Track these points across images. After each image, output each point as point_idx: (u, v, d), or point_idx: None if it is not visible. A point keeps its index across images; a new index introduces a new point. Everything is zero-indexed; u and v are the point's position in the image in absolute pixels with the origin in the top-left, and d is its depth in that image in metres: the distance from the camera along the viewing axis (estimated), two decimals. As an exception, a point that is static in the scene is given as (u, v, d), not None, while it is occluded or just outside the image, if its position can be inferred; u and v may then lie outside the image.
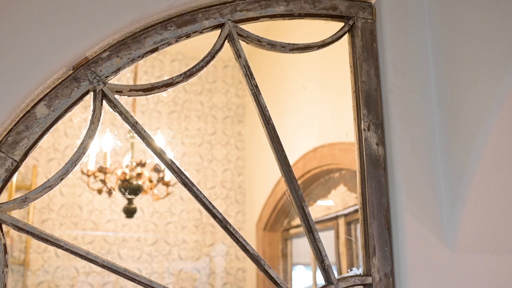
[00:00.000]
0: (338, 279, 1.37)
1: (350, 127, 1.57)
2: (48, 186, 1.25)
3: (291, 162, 3.46)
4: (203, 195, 1.33)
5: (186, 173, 1.34)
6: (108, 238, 4.64)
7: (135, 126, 1.34)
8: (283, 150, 1.41)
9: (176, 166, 1.33)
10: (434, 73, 1.52)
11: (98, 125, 1.33)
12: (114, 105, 1.35)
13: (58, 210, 4.57)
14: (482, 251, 1.44)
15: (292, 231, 4.15)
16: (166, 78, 1.43)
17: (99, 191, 3.30)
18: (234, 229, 1.31)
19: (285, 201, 3.76)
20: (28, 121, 1.28)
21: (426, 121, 1.49)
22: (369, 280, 1.38)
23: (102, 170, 3.15)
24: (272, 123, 1.42)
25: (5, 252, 1.18)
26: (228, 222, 1.31)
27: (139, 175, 3.15)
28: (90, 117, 1.34)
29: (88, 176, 3.21)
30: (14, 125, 1.27)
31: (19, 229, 1.21)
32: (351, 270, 1.41)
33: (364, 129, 1.48)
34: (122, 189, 3.15)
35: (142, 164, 3.17)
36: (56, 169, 4.71)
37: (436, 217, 1.43)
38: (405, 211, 1.42)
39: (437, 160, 1.47)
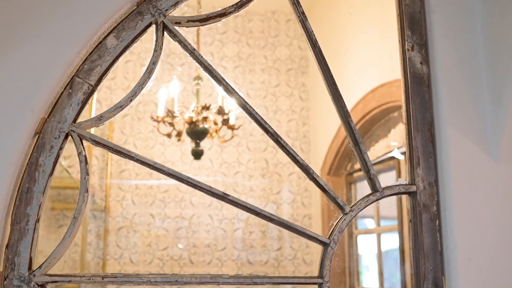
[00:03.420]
0: (383, 188, 1.47)
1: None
2: (119, 106, 1.42)
3: (351, 104, 3.53)
4: (259, 115, 1.45)
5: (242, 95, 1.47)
6: (181, 187, 4.91)
7: (193, 53, 1.48)
8: (329, 70, 1.50)
9: (232, 87, 1.47)
10: (478, -9, 1.56)
11: (160, 53, 1.48)
12: (174, 35, 1.50)
13: (134, 162, 4.87)
14: (525, 160, 1.49)
15: (356, 174, 4.24)
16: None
17: (169, 135, 3.53)
18: (284, 142, 1.44)
19: (347, 144, 3.84)
20: (100, 51, 1.45)
21: (469, 37, 1.54)
22: (413, 188, 1.47)
23: (170, 114, 3.36)
24: (319, 46, 1.52)
25: (86, 162, 1.37)
26: (279, 135, 1.44)
27: (204, 119, 3.34)
28: (153, 46, 1.49)
29: (158, 122, 3.44)
30: (89, 55, 1.44)
31: (96, 143, 1.39)
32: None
33: (408, 49, 1.55)
34: (189, 132, 3.35)
35: (206, 108, 3.35)
36: (130, 124, 5.01)
37: (480, 129, 1.50)
38: (448, 124, 1.49)
39: (480, 74, 1.53)
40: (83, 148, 1.37)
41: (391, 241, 4.23)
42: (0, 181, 1.30)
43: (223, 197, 1.39)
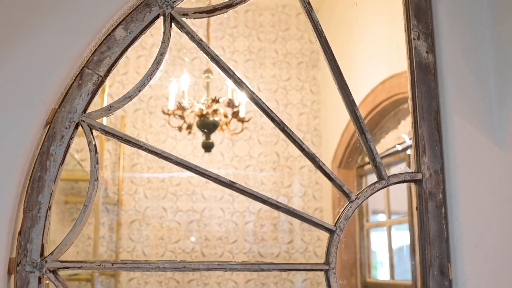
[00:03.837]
0: (389, 176, 1.49)
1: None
2: (128, 97, 1.45)
3: (361, 97, 3.54)
4: (267, 106, 1.47)
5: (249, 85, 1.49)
6: (192, 181, 4.95)
7: (200, 43, 1.50)
8: (334, 60, 1.52)
9: (239, 77, 1.48)
10: (484, -20, 1.57)
11: (168, 44, 1.51)
12: (181, 26, 1.52)
13: (146, 155, 4.91)
14: (531, 148, 1.50)
15: (367, 167, 4.24)
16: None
17: (179, 129, 3.56)
18: (291, 130, 1.45)
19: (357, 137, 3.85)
20: (109, 43, 1.47)
21: (475, 26, 1.55)
22: (419, 176, 1.48)
23: (180, 107, 3.39)
24: (325, 36, 1.53)
25: (96, 151, 1.40)
26: (285, 125, 1.46)
27: (215, 111, 3.37)
28: (161, 37, 1.51)
29: (169, 115, 3.47)
30: (98, 46, 1.47)
31: (106, 132, 1.42)
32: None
33: (414, 39, 1.56)
34: (199, 125, 3.38)
35: (216, 100, 3.38)
36: (141, 118, 5.05)
37: (486, 117, 1.51)
38: (454, 112, 1.50)
39: (487, 63, 1.53)
40: (93, 137, 1.40)
41: (404, 237, 4.24)
42: (13, 170, 1.33)
43: (230, 185, 1.41)
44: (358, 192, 1.47)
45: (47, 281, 1.35)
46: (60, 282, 1.31)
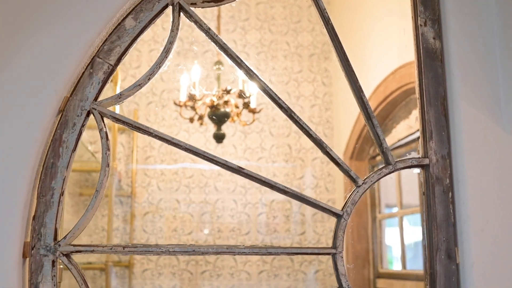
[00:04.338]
0: (396, 161, 1.50)
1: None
2: (138, 85, 1.48)
3: (373, 87, 3.54)
4: (274, 92, 1.49)
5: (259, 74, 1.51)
6: (205, 173, 4.98)
7: (208, 32, 1.52)
8: (341, 47, 1.53)
9: (246, 64, 1.50)
10: (491, -35, 1.57)
11: (177, 33, 1.53)
12: (190, 16, 1.54)
13: (159, 148, 4.96)
14: (539, 133, 1.50)
15: (378, 158, 4.25)
16: (234, -11, 1.58)
17: (191, 120, 3.59)
18: (298, 117, 1.47)
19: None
20: (119, 32, 1.50)
21: (482, 11, 1.55)
22: (426, 161, 1.49)
23: (192, 98, 3.43)
24: (331, 23, 1.55)
25: (107, 138, 1.43)
26: (292, 111, 1.48)
27: (226, 102, 3.40)
28: (170, 26, 1.54)
29: (180, 106, 3.51)
30: (108, 36, 1.50)
31: (116, 119, 1.45)
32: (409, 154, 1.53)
33: (421, 25, 1.57)
34: (211, 116, 3.41)
35: (227, 91, 3.40)
36: (154, 112, 5.09)
37: (493, 102, 1.51)
38: (461, 98, 1.51)
39: (494, 48, 1.54)
40: (104, 125, 1.43)
41: (416, 227, 4.24)
42: (27, 156, 1.36)
43: (237, 170, 1.43)
44: (365, 177, 1.49)
45: (61, 266, 1.39)
46: (73, 265, 1.35)
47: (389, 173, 1.49)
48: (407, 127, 3.45)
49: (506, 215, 1.45)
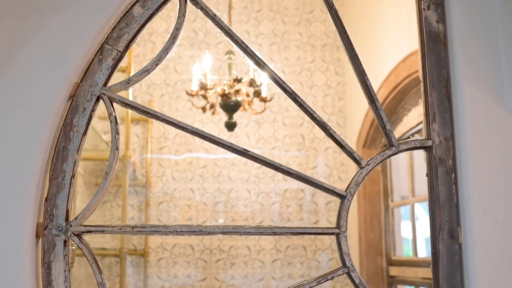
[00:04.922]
0: (399, 143, 1.52)
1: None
2: (145, 70, 1.52)
3: (383, 76, 3.54)
4: (281, 78, 1.52)
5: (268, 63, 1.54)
6: (219, 162, 5.03)
7: (214, 18, 1.55)
8: (345, 31, 1.55)
9: (252, 50, 1.53)
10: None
11: (183, 20, 1.56)
12: (196, 2, 1.57)
13: (173, 139, 5.02)
14: (542, 114, 1.51)
15: (390, 146, 4.25)
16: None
17: (203, 109, 3.63)
18: (302, 100, 1.50)
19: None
20: (127, 19, 1.54)
21: (485, -5, 1.56)
22: (429, 143, 1.51)
23: (203, 87, 3.47)
24: (335, 8, 1.57)
25: (116, 122, 1.47)
26: (296, 94, 1.51)
27: (237, 91, 3.43)
28: (177, 13, 1.57)
29: (192, 96, 3.55)
30: (117, 23, 1.54)
31: (125, 104, 1.49)
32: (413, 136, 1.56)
33: (424, 9, 1.58)
34: (222, 105, 3.45)
35: (238, 80, 3.44)
36: (168, 103, 5.14)
37: (496, 84, 1.53)
38: (464, 80, 1.53)
39: (497, 31, 1.55)
40: (113, 109, 1.47)
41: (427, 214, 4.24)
42: (39, 140, 1.41)
43: (243, 153, 1.47)
44: (369, 159, 1.51)
45: (73, 247, 1.44)
46: (84, 245, 1.40)
47: (392, 154, 1.51)
48: (418, 115, 3.45)
49: (509, 196, 1.47)
